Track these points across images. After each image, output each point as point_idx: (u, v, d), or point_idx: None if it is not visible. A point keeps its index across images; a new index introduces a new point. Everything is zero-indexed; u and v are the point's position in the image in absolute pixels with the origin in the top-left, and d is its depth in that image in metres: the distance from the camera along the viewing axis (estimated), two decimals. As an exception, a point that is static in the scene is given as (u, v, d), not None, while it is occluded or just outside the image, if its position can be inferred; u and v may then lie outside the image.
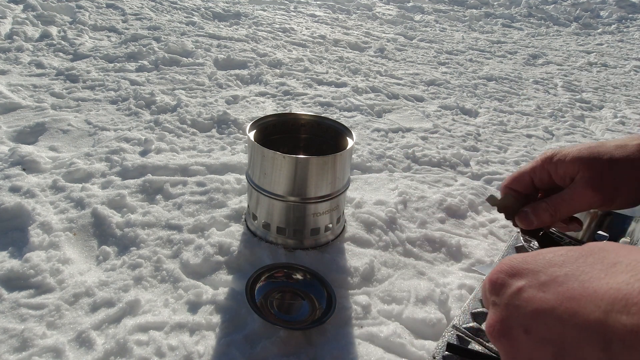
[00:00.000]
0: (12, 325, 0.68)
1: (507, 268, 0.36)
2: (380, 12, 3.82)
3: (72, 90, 1.60)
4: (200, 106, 1.54)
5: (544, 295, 0.31)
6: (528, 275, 0.34)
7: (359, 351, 0.68)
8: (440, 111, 1.76)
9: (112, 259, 0.84)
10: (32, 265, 0.78)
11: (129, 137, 1.28)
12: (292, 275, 0.80)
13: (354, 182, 1.16)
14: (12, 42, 1.98)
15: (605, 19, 4.60)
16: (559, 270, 0.32)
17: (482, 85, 2.16)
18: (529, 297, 0.32)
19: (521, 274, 0.34)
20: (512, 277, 0.35)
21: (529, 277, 0.34)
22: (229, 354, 0.66)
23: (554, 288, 0.31)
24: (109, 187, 1.04)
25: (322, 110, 1.65)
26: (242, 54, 2.16)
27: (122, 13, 2.68)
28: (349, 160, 0.89)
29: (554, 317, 0.29)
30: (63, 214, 0.94)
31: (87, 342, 0.66)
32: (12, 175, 1.04)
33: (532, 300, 0.32)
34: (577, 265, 0.32)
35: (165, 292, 0.77)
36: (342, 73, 2.11)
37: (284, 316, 0.72)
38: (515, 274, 0.35)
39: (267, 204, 0.86)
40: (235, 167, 1.16)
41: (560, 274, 0.32)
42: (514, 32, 3.76)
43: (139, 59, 1.97)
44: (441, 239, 0.96)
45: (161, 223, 0.93)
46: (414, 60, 2.51)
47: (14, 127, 1.30)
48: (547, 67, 2.72)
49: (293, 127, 1.00)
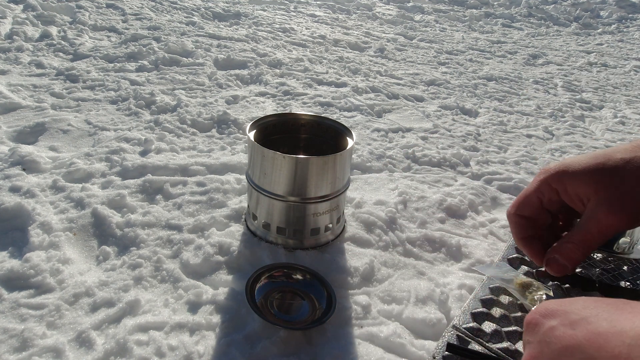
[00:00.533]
0: (12, 325, 0.68)
1: (543, 310, 0.39)
2: (380, 12, 3.82)
3: (72, 90, 1.60)
4: (200, 106, 1.54)
5: (573, 332, 0.34)
6: (561, 315, 0.37)
7: (359, 351, 0.68)
8: (440, 111, 1.76)
9: (112, 259, 0.84)
10: (32, 265, 0.78)
11: (129, 137, 1.28)
12: (292, 275, 0.80)
13: (354, 182, 1.16)
14: (12, 42, 1.98)
15: (605, 19, 4.60)
16: (590, 312, 0.35)
17: (482, 85, 2.16)
18: (560, 335, 0.35)
19: (554, 314, 0.37)
20: (546, 317, 0.38)
21: (562, 317, 0.37)
22: (229, 354, 0.66)
23: (584, 326, 0.34)
24: (109, 187, 1.04)
25: (322, 110, 1.65)
26: (242, 54, 2.16)
27: (122, 13, 2.68)
28: (349, 160, 0.89)
29: (581, 352, 0.32)
30: (63, 214, 0.94)
31: (87, 342, 0.66)
32: (12, 175, 1.04)
33: (562, 337, 0.35)
34: (608, 309, 0.34)
35: (165, 292, 0.77)
36: (342, 73, 2.11)
37: (284, 316, 0.72)
38: (549, 315, 0.38)
39: (267, 204, 0.86)
40: (235, 167, 1.16)
41: (590, 315, 0.35)
42: (514, 32, 3.76)
43: (139, 59, 1.97)
44: (441, 239, 0.96)
45: (161, 223, 0.93)
46: (414, 60, 2.51)
47: (14, 127, 1.30)
48: (547, 67, 2.72)
49: (293, 127, 1.00)
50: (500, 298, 0.75)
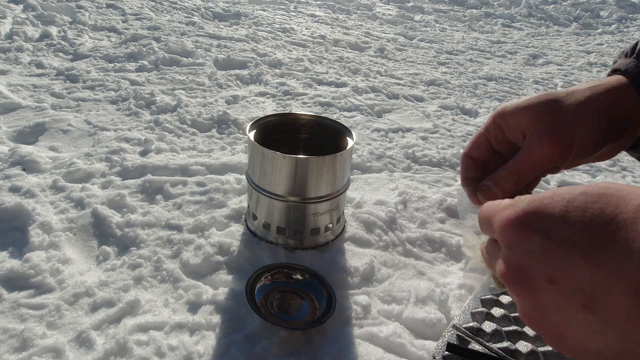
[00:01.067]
0: (12, 325, 0.68)
1: (534, 209, 0.32)
2: (380, 12, 3.82)
3: (72, 90, 1.60)
4: (200, 106, 1.54)
5: (572, 245, 0.29)
6: (554, 224, 0.31)
7: (359, 351, 0.68)
8: (440, 111, 1.76)
9: (112, 259, 0.84)
10: (32, 265, 0.78)
11: (129, 137, 1.28)
12: (292, 275, 0.80)
13: (354, 182, 1.16)
14: (12, 42, 1.98)
15: (605, 19, 4.60)
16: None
17: (482, 85, 2.16)
18: (555, 247, 0.30)
19: (547, 220, 0.31)
20: (538, 222, 0.31)
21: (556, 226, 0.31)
22: (229, 354, 0.66)
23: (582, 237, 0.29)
24: (109, 187, 1.04)
25: (322, 110, 1.65)
26: (242, 54, 2.16)
27: (122, 13, 2.68)
28: (349, 160, 0.89)
29: (583, 267, 0.28)
30: (63, 214, 0.94)
31: (87, 342, 0.66)
32: (12, 175, 1.04)
33: (558, 249, 0.30)
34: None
35: (165, 292, 0.77)
36: (342, 73, 2.11)
37: (284, 316, 0.72)
38: (540, 221, 0.31)
39: (267, 204, 0.86)
40: (235, 167, 1.16)
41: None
42: (514, 32, 3.76)
43: (139, 59, 1.97)
44: (441, 239, 0.96)
45: (161, 223, 0.93)
46: (414, 60, 2.51)
47: (14, 127, 1.30)
48: (547, 67, 2.72)
49: (293, 127, 1.00)
50: (500, 298, 0.75)
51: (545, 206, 0.31)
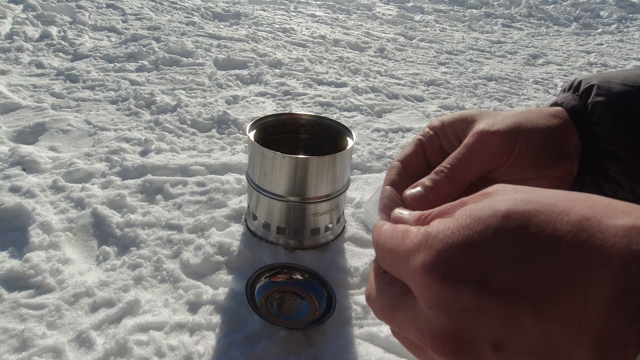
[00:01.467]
0: (12, 325, 0.68)
1: (455, 249, 0.24)
2: (380, 12, 3.82)
3: (72, 90, 1.59)
4: (200, 106, 1.54)
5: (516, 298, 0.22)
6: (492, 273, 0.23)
7: (359, 351, 0.68)
8: (440, 111, 1.76)
9: (112, 259, 0.84)
10: (32, 265, 0.78)
11: (129, 137, 1.28)
12: (292, 275, 0.80)
13: (354, 182, 1.16)
14: (12, 42, 1.98)
15: (605, 19, 4.61)
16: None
17: (482, 85, 2.16)
18: (495, 300, 0.22)
19: (478, 263, 0.23)
20: (464, 269, 0.24)
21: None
22: (229, 354, 0.66)
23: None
24: (109, 187, 1.04)
25: (322, 110, 1.65)
26: (242, 54, 2.16)
27: (122, 13, 2.68)
28: (349, 160, 0.89)
29: (534, 323, 0.21)
30: (63, 214, 0.94)
31: (87, 342, 0.66)
32: (12, 175, 1.04)
33: (499, 303, 0.22)
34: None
35: (165, 292, 0.77)
36: (342, 73, 2.11)
37: (284, 316, 0.72)
38: (469, 266, 0.23)
39: (267, 204, 0.86)
40: (235, 167, 1.16)
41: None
42: (514, 32, 3.76)
43: (139, 59, 1.97)
44: (441, 239, 0.96)
45: (161, 223, 0.93)
46: (414, 60, 2.51)
47: (14, 127, 1.30)
48: (547, 67, 2.72)
49: (293, 127, 1.00)
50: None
51: (469, 240, 0.23)
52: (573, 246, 0.21)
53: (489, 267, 0.22)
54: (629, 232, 0.20)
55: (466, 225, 0.24)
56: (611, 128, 0.41)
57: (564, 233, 0.21)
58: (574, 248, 0.21)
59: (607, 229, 0.21)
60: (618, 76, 0.43)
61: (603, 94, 0.42)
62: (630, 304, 0.19)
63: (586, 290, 0.20)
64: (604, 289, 0.20)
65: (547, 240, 0.21)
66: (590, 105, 0.42)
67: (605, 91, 0.42)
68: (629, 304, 0.19)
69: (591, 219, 0.21)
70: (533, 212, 0.22)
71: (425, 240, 0.25)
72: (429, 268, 0.24)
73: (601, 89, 0.42)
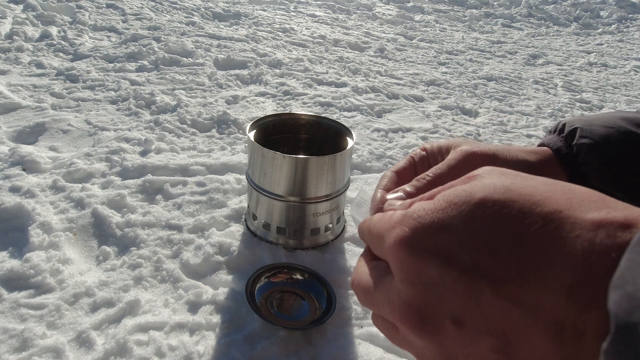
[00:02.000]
0: (12, 325, 0.68)
1: (426, 226, 0.25)
2: (380, 12, 3.82)
3: (72, 90, 1.59)
4: (200, 106, 1.54)
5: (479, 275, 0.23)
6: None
7: (359, 351, 0.68)
8: (440, 111, 1.76)
9: (112, 259, 0.84)
10: (32, 265, 0.78)
11: (129, 137, 1.28)
12: (292, 275, 0.80)
13: (354, 182, 1.16)
14: (12, 42, 1.98)
15: (605, 19, 4.60)
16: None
17: (482, 85, 2.16)
18: (457, 276, 0.23)
19: (446, 241, 0.25)
20: (433, 245, 0.25)
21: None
22: (229, 354, 0.66)
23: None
24: (109, 187, 1.04)
25: (322, 110, 1.65)
26: (242, 54, 2.16)
27: (122, 13, 2.68)
28: (349, 160, 0.89)
29: (492, 302, 0.22)
30: (63, 214, 0.94)
31: (87, 342, 0.66)
32: (12, 175, 1.04)
33: (461, 279, 0.23)
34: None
35: (165, 292, 0.77)
36: (342, 73, 2.11)
37: (284, 316, 0.72)
38: (437, 243, 0.25)
39: (267, 204, 0.86)
40: (235, 167, 1.16)
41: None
42: (514, 32, 3.76)
43: (139, 59, 1.97)
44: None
45: (161, 223, 0.93)
46: (414, 60, 2.51)
47: (14, 127, 1.30)
48: (547, 67, 2.72)
49: (293, 127, 1.00)
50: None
51: (441, 222, 0.25)
52: (538, 236, 0.22)
53: (455, 248, 0.24)
54: (597, 226, 0.21)
55: (441, 209, 0.25)
56: (598, 169, 0.46)
57: (532, 223, 0.22)
58: (539, 238, 0.22)
59: (576, 221, 0.22)
60: (599, 119, 0.48)
61: (586, 135, 0.46)
62: (588, 293, 0.20)
63: (545, 277, 0.21)
64: (563, 277, 0.21)
65: (514, 229, 0.23)
66: (575, 147, 0.47)
67: (588, 133, 0.47)
68: (586, 293, 0.20)
69: (563, 212, 0.22)
70: (508, 201, 0.23)
71: (402, 219, 0.26)
72: (400, 242, 0.26)
73: (584, 131, 0.47)
